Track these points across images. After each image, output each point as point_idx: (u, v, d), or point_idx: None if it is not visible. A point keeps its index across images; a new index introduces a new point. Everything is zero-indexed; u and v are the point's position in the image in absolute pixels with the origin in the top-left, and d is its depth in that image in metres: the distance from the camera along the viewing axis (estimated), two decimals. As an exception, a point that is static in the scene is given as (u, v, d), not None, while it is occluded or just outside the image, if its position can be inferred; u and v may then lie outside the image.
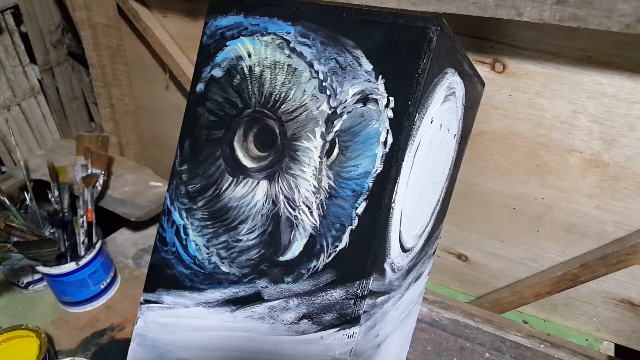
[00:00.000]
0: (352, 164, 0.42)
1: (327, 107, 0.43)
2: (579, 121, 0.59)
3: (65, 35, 1.07)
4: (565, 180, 0.63)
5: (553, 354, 0.67)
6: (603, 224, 0.64)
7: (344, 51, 0.42)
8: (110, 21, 0.92)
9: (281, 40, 0.45)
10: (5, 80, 0.99)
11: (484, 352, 0.69)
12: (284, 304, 0.44)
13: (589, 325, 0.74)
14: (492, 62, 0.60)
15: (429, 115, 0.43)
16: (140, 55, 0.96)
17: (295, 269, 0.44)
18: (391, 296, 0.48)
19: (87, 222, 0.76)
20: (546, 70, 0.58)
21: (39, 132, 1.09)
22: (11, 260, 0.68)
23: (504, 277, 0.77)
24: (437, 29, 0.39)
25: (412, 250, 0.50)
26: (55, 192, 0.79)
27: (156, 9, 0.87)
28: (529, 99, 0.60)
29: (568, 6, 0.46)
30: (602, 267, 0.63)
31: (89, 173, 0.85)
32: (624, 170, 0.59)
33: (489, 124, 0.65)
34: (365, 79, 0.41)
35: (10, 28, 0.97)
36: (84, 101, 1.19)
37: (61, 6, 1.01)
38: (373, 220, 0.41)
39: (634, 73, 0.53)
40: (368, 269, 0.41)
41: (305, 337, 0.44)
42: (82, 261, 0.71)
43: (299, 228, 0.44)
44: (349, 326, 0.42)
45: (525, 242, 0.71)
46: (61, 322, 0.75)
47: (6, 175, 1.03)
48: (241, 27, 0.47)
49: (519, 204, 0.68)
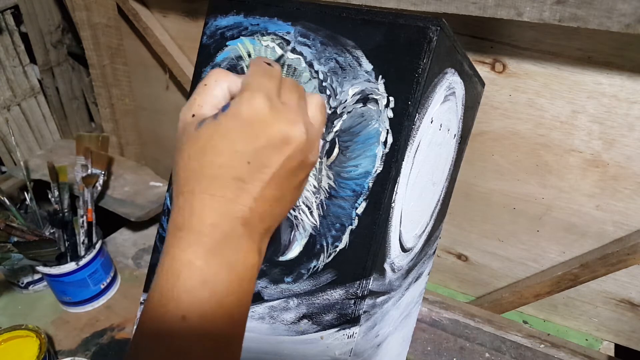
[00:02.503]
0: (352, 164, 0.42)
1: (327, 107, 0.43)
2: (578, 121, 0.59)
3: (65, 35, 1.07)
4: (565, 180, 0.63)
5: (553, 354, 0.67)
6: (603, 224, 0.64)
7: (344, 51, 0.42)
8: (110, 21, 0.92)
9: (281, 40, 0.45)
10: (5, 80, 0.99)
11: (484, 352, 0.69)
12: (284, 304, 0.44)
13: (589, 325, 0.74)
14: (492, 62, 0.60)
15: (429, 115, 0.43)
16: (140, 55, 0.96)
17: (295, 269, 0.44)
18: (391, 296, 0.48)
19: (87, 222, 0.76)
20: (546, 70, 0.58)
21: (39, 132, 1.09)
22: (11, 260, 0.68)
23: (504, 277, 0.77)
24: (437, 29, 0.39)
25: (412, 250, 0.50)
26: (55, 192, 0.79)
27: (156, 9, 0.87)
28: (529, 99, 0.60)
29: (568, 6, 0.46)
30: (602, 267, 0.63)
31: (89, 173, 0.85)
32: (624, 170, 0.59)
33: (489, 124, 0.65)
34: (365, 79, 0.41)
35: (10, 28, 0.97)
36: (84, 101, 1.19)
37: (61, 6, 1.01)
38: (373, 220, 0.41)
39: (634, 73, 0.53)
40: (368, 269, 0.41)
41: (305, 337, 0.44)
42: (82, 261, 0.71)
43: (299, 228, 0.44)
44: (349, 326, 0.42)
45: (525, 242, 0.71)
46: (61, 322, 0.75)
47: (6, 175, 1.03)
48: (241, 27, 0.47)
49: (519, 204, 0.68)
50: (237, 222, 0.29)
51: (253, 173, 0.29)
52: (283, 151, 0.30)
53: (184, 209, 0.29)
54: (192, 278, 0.27)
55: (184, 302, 0.27)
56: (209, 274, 0.28)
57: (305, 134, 0.31)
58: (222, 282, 0.28)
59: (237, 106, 0.29)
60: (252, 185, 0.29)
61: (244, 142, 0.29)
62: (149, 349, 0.27)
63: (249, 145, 0.29)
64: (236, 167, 0.29)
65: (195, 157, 0.29)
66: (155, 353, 0.27)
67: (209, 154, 0.29)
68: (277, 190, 0.30)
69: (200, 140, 0.29)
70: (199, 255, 0.28)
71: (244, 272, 0.29)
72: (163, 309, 0.27)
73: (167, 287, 0.27)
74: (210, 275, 0.28)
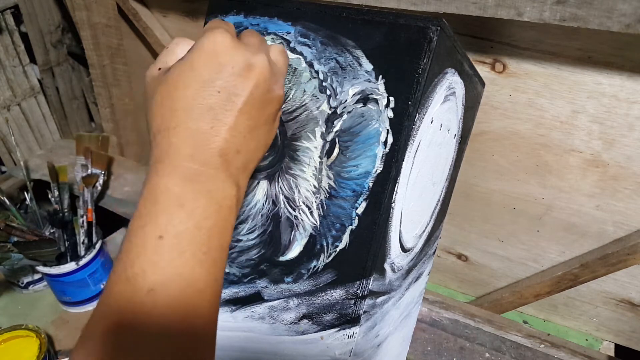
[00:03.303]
0: (352, 164, 0.42)
1: (327, 107, 0.43)
2: (578, 121, 0.59)
3: (65, 35, 1.07)
4: (565, 180, 0.63)
5: (553, 354, 0.67)
6: (603, 224, 0.64)
7: (344, 51, 0.42)
8: (110, 21, 0.92)
9: (281, 40, 0.45)
10: (5, 80, 0.99)
11: (484, 352, 0.69)
12: (284, 304, 0.44)
13: (589, 325, 0.74)
14: (492, 62, 0.60)
15: (429, 115, 0.43)
16: (140, 55, 0.96)
17: (295, 269, 0.44)
18: (391, 296, 0.48)
19: (87, 222, 0.76)
20: (546, 70, 0.58)
21: (39, 132, 1.09)
22: (11, 260, 0.68)
23: (504, 277, 0.77)
24: (437, 29, 0.39)
25: (412, 250, 0.50)
26: (55, 192, 0.79)
27: (156, 9, 0.87)
28: (529, 99, 0.60)
29: (568, 6, 0.46)
30: (602, 267, 0.63)
31: (89, 173, 0.85)
32: (624, 170, 0.59)
33: (489, 124, 0.65)
34: (366, 79, 0.41)
35: (10, 28, 0.97)
36: (84, 101, 1.19)
37: (61, 6, 1.01)
38: (373, 220, 0.41)
39: (634, 73, 0.53)
40: (368, 269, 0.41)
41: (305, 337, 0.44)
42: (82, 261, 0.71)
43: (299, 228, 0.44)
44: (349, 326, 0.42)
45: (525, 242, 0.71)
46: (61, 322, 0.75)
47: (6, 175, 1.03)
48: (241, 27, 0.47)
49: (519, 204, 0.68)
50: (213, 152, 0.30)
51: (224, 102, 0.30)
52: (249, 77, 0.31)
53: (162, 144, 0.30)
54: (169, 200, 0.28)
55: (162, 222, 0.28)
56: (186, 198, 0.29)
57: (267, 62, 0.32)
58: (199, 206, 0.29)
59: (200, 41, 0.31)
60: (224, 115, 0.30)
61: (210, 71, 0.30)
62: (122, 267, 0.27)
63: (215, 74, 0.30)
64: (206, 96, 0.30)
65: (167, 96, 0.31)
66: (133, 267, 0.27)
67: (180, 88, 0.30)
68: (249, 120, 0.32)
69: (170, 80, 0.31)
70: (176, 182, 0.29)
71: (222, 200, 0.30)
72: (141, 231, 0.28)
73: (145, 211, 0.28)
74: (188, 200, 0.28)
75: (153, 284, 0.26)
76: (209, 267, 0.29)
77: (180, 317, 0.27)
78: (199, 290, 0.28)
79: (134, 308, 0.26)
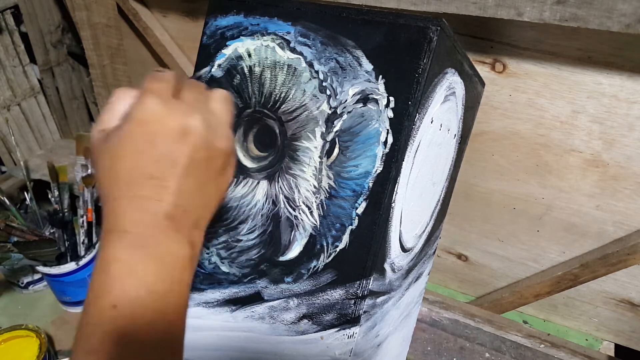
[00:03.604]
0: (352, 164, 0.42)
1: (327, 107, 0.43)
2: (578, 121, 0.59)
3: (65, 35, 1.07)
4: (565, 180, 0.63)
5: (553, 354, 0.67)
6: (603, 224, 0.64)
7: (344, 51, 0.42)
8: (110, 21, 0.92)
9: (281, 40, 0.45)
10: (5, 80, 0.99)
11: (484, 352, 0.69)
12: (284, 304, 0.44)
13: (589, 325, 0.74)
14: (492, 62, 0.60)
15: (429, 115, 0.43)
16: (140, 55, 0.96)
17: (295, 269, 0.44)
18: (391, 296, 0.48)
19: (87, 222, 0.76)
20: (546, 70, 0.58)
21: (39, 132, 1.09)
22: (11, 260, 0.68)
23: (504, 277, 0.77)
24: (437, 29, 0.39)
25: (412, 250, 0.50)
26: (55, 192, 0.79)
27: (156, 9, 0.87)
28: (529, 99, 0.60)
29: (568, 6, 0.46)
30: (602, 267, 0.63)
31: (89, 173, 0.85)
32: (624, 170, 0.59)
33: (489, 124, 0.65)
34: (366, 79, 0.41)
35: (10, 28, 0.97)
36: (84, 101, 1.19)
37: (61, 6, 1.01)
38: (373, 220, 0.41)
39: (634, 73, 0.53)
40: (368, 269, 0.41)
41: (305, 337, 0.44)
42: (82, 261, 0.71)
43: (299, 228, 0.44)
44: (349, 326, 0.42)
45: (525, 242, 0.71)
46: (61, 322, 0.75)
47: (6, 175, 1.03)
48: (241, 27, 0.47)
49: (519, 204, 0.68)
50: (159, 217, 0.30)
51: (164, 169, 0.30)
52: (186, 142, 0.30)
53: (109, 214, 0.30)
54: (120, 270, 0.29)
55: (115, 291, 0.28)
56: (136, 265, 0.29)
57: (202, 122, 0.31)
58: (150, 272, 0.29)
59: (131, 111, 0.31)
60: (167, 181, 0.30)
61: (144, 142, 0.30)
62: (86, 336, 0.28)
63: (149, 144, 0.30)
64: (145, 166, 0.30)
65: (109, 167, 0.30)
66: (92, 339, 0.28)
67: (119, 160, 0.30)
68: (195, 180, 0.31)
69: (110, 150, 0.30)
70: (124, 251, 0.29)
71: (173, 262, 0.30)
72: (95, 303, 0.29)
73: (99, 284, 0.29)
74: (137, 266, 0.29)
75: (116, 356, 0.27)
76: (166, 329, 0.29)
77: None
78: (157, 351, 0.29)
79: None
